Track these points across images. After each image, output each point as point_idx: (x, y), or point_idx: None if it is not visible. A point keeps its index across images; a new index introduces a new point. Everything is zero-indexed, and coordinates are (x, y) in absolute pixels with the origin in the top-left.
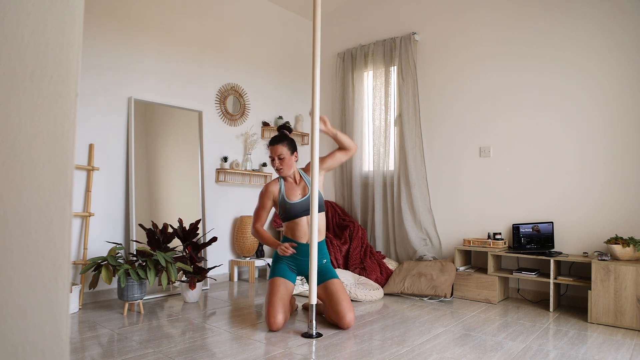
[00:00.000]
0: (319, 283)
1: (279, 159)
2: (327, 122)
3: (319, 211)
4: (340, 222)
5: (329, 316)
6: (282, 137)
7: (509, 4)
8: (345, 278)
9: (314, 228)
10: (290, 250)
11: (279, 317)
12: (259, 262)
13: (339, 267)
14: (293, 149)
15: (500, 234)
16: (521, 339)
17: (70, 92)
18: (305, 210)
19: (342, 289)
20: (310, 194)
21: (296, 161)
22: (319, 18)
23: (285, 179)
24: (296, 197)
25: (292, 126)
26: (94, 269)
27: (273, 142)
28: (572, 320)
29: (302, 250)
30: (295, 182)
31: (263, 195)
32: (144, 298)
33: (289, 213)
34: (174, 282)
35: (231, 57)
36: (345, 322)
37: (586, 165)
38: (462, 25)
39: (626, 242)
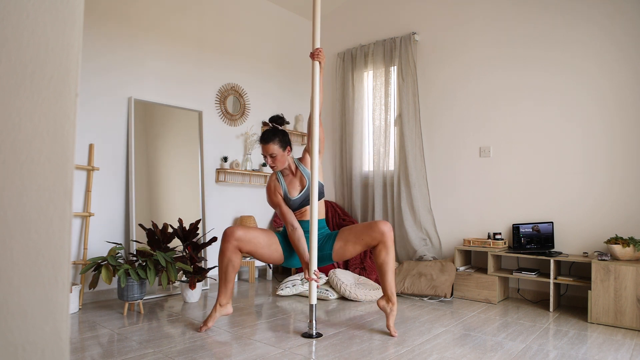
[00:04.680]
0: (330, 249)
1: (271, 157)
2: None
3: (319, 198)
4: (340, 222)
5: (364, 242)
6: (273, 133)
7: (509, 4)
8: (345, 278)
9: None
10: (315, 279)
11: (238, 232)
12: (259, 262)
13: (338, 268)
14: (285, 144)
15: (500, 234)
16: (521, 339)
17: (70, 92)
18: (305, 200)
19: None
20: (309, 184)
21: (290, 154)
22: (319, 18)
23: (282, 172)
24: (296, 192)
25: (293, 126)
26: (94, 269)
27: (263, 140)
28: (572, 320)
29: (304, 227)
30: (293, 173)
31: (272, 194)
32: (144, 298)
33: (290, 207)
34: (174, 282)
35: (231, 57)
36: (379, 226)
37: (586, 165)
38: (462, 25)
39: (626, 242)
